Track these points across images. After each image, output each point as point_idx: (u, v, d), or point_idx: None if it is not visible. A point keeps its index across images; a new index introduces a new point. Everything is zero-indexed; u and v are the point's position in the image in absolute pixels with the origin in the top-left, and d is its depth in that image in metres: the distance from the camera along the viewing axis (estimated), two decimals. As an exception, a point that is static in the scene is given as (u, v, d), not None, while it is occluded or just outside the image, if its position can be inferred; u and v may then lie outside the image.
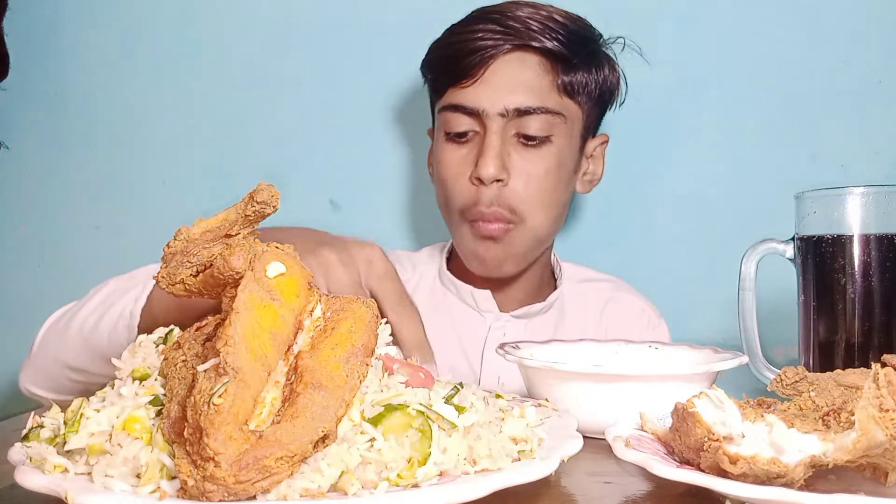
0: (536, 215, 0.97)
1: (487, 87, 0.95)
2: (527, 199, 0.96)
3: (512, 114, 0.94)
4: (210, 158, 1.29)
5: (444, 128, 0.99)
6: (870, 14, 1.22)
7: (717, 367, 0.63)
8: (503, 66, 0.96)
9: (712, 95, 1.24)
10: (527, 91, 0.95)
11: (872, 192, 0.68)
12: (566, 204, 1.03)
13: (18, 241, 1.33)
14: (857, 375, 0.52)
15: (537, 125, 0.95)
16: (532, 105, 0.94)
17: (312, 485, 0.41)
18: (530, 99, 0.95)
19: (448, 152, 0.99)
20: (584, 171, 1.05)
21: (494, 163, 0.93)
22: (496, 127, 0.94)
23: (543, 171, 0.96)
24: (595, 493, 0.51)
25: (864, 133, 1.22)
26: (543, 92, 0.96)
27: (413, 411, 0.45)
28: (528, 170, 0.96)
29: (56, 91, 1.32)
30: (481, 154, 0.94)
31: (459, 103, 0.96)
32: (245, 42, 1.29)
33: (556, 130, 0.97)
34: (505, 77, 0.95)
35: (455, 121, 0.97)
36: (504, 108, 0.94)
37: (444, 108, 0.99)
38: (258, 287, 0.45)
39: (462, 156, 0.98)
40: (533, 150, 0.96)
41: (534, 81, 0.95)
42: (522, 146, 0.96)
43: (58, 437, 0.45)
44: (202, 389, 0.40)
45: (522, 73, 0.95)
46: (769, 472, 0.42)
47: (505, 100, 0.94)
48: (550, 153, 0.97)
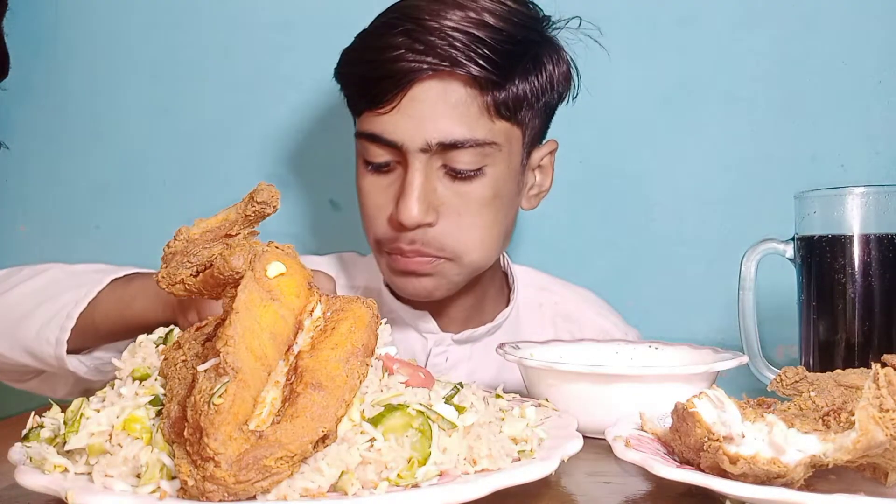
0: (472, 251, 0.85)
1: (406, 117, 0.81)
2: (460, 240, 0.84)
3: (436, 148, 0.80)
4: (210, 158, 1.29)
5: (363, 155, 0.86)
6: (870, 14, 1.22)
7: (717, 367, 0.63)
8: (423, 92, 0.80)
9: (712, 95, 1.24)
10: (452, 122, 0.80)
11: (872, 192, 0.68)
12: (509, 227, 0.91)
13: (18, 241, 1.33)
14: (857, 375, 0.52)
15: (467, 159, 0.81)
16: (459, 138, 0.80)
17: (312, 485, 0.41)
18: (457, 131, 0.80)
19: (367, 182, 0.86)
20: (529, 185, 0.92)
21: (418, 206, 0.80)
22: (419, 164, 0.81)
23: (477, 206, 0.83)
24: (595, 493, 0.51)
25: (864, 133, 1.22)
26: (472, 120, 0.81)
27: (413, 411, 0.45)
28: (460, 207, 0.83)
29: (56, 91, 1.32)
30: (402, 195, 0.81)
31: (376, 133, 0.82)
32: (245, 42, 1.29)
33: (490, 160, 0.83)
34: (426, 105, 0.80)
35: (372, 151, 0.84)
36: (425, 142, 0.80)
37: (361, 135, 0.85)
38: (258, 287, 0.45)
39: (383, 187, 0.85)
40: (464, 183, 0.82)
41: (460, 109, 0.81)
42: (450, 180, 0.83)
43: (58, 437, 0.45)
44: (202, 389, 0.40)
45: (445, 100, 0.80)
46: (769, 472, 0.42)
47: (427, 133, 0.80)
48: (485, 185, 0.83)
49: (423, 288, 0.86)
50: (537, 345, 0.75)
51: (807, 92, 1.23)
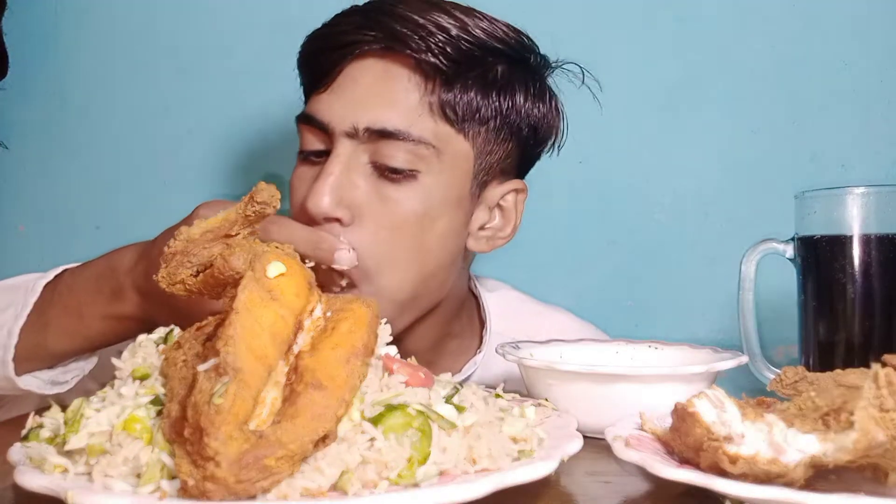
0: (385, 276, 0.73)
1: (338, 97, 0.74)
2: (374, 253, 0.72)
3: (364, 136, 0.72)
4: (210, 158, 1.29)
5: (300, 144, 0.78)
6: (870, 14, 1.22)
7: (717, 367, 0.63)
8: (361, 71, 0.74)
9: (712, 95, 1.24)
10: (386, 107, 0.73)
11: (872, 192, 0.68)
12: (446, 265, 0.78)
13: (18, 241, 1.33)
14: (857, 375, 0.52)
15: (399, 155, 0.72)
16: (391, 127, 0.72)
17: (313, 484, 0.41)
18: (390, 119, 0.72)
19: (297, 174, 0.78)
20: (480, 223, 0.81)
21: (329, 194, 0.71)
22: (342, 149, 0.72)
23: (401, 217, 0.73)
24: (595, 493, 0.51)
25: (864, 133, 1.22)
26: (410, 112, 0.73)
27: (413, 411, 0.45)
28: (379, 212, 0.73)
29: (56, 91, 1.32)
30: (315, 181, 0.72)
31: (309, 113, 0.75)
32: (245, 42, 1.29)
33: (426, 165, 0.73)
34: (360, 87, 0.73)
35: (305, 136, 0.76)
36: (353, 125, 0.72)
37: (298, 119, 0.78)
38: (258, 287, 0.45)
39: (308, 179, 0.76)
40: (391, 185, 0.73)
41: (398, 96, 0.73)
42: (377, 179, 0.73)
43: (58, 437, 0.45)
44: (202, 389, 0.40)
45: (384, 83, 0.73)
46: (769, 472, 0.42)
47: (356, 116, 0.72)
48: (414, 194, 0.73)
49: None
50: (537, 345, 0.75)
51: (807, 92, 1.23)
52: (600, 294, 1.11)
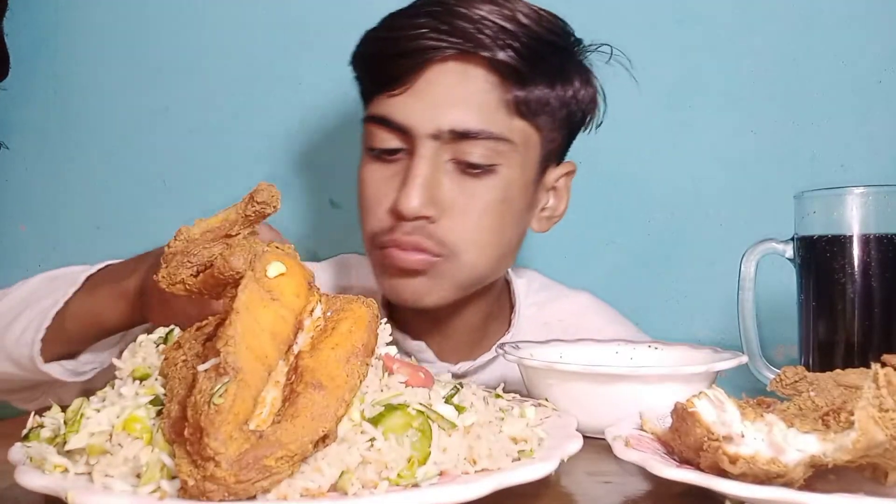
0: (471, 251, 0.80)
1: (419, 100, 0.77)
2: (461, 237, 0.79)
3: (447, 136, 0.77)
4: (210, 158, 1.29)
5: (368, 142, 0.81)
6: (870, 14, 1.22)
7: (717, 367, 0.63)
8: (440, 75, 0.77)
9: (712, 95, 1.24)
10: (468, 109, 0.77)
11: (872, 192, 0.68)
12: (514, 245, 0.85)
13: (18, 241, 1.33)
14: (856, 375, 0.52)
15: (480, 152, 0.77)
16: (473, 127, 0.76)
17: (313, 484, 0.41)
18: (472, 119, 0.76)
19: (369, 171, 0.82)
20: (541, 205, 0.88)
21: (419, 195, 0.76)
22: (426, 151, 0.77)
23: (482, 207, 0.79)
24: (595, 493, 0.51)
25: (864, 133, 1.22)
26: (489, 111, 0.77)
27: (413, 411, 0.45)
28: (463, 205, 0.78)
29: (56, 91, 1.32)
30: (404, 183, 0.77)
31: (385, 115, 0.79)
32: (245, 42, 1.29)
33: (504, 159, 0.79)
34: (441, 89, 0.77)
35: (379, 135, 0.79)
36: (437, 128, 0.76)
37: (369, 119, 0.81)
38: (258, 287, 0.45)
39: (386, 177, 0.80)
40: (472, 180, 0.78)
41: (478, 97, 0.77)
42: (459, 174, 0.78)
43: (58, 437, 0.45)
44: (202, 389, 0.40)
45: (465, 86, 0.77)
46: (769, 472, 0.42)
47: (439, 119, 0.76)
48: (494, 186, 0.79)
49: (415, 291, 0.80)
50: (537, 345, 0.75)
51: (807, 92, 1.23)
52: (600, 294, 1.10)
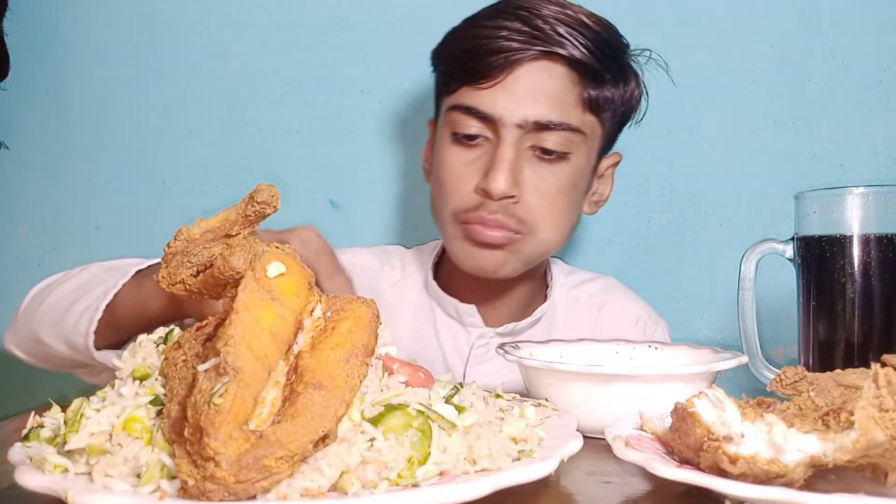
0: (547, 230, 0.91)
1: (507, 93, 0.87)
2: (540, 216, 0.90)
3: (530, 126, 0.87)
4: (210, 158, 1.29)
5: (452, 127, 0.91)
6: (870, 14, 1.22)
7: (717, 367, 0.63)
8: (528, 72, 0.88)
9: (712, 95, 1.24)
10: (550, 103, 0.87)
11: (872, 192, 0.68)
12: (574, 225, 0.97)
13: (18, 241, 1.33)
14: (856, 375, 0.52)
15: (556, 140, 0.88)
16: (554, 119, 0.87)
17: (312, 484, 0.41)
18: (553, 112, 0.87)
19: (453, 154, 0.92)
20: (593, 191, 0.99)
21: (506, 178, 0.86)
22: (511, 138, 0.87)
23: (556, 189, 0.90)
24: (595, 493, 0.51)
25: (863, 133, 1.22)
26: (567, 106, 0.88)
27: (413, 411, 0.45)
28: (541, 187, 0.89)
29: (56, 91, 1.32)
30: (493, 166, 0.87)
31: (473, 106, 0.89)
32: (245, 42, 1.29)
33: (575, 148, 0.90)
34: (528, 85, 0.87)
35: (465, 122, 0.90)
36: (523, 119, 0.87)
37: (455, 108, 0.91)
38: (258, 287, 0.45)
39: (468, 161, 0.91)
40: (547, 165, 0.89)
41: (559, 93, 0.88)
42: (537, 160, 0.89)
43: (58, 437, 0.45)
44: (202, 389, 0.40)
45: (548, 83, 0.88)
46: (769, 472, 0.42)
47: (525, 110, 0.87)
48: (566, 171, 0.90)
49: (494, 262, 0.91)
50: (537, 345, 0.75)
51: (807, 92, 1.23)
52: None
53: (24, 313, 0.86)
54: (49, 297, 0.83)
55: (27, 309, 0.86)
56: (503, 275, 0.93)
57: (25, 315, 0.86)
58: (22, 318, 0.86)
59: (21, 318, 0.86)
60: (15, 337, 0.88)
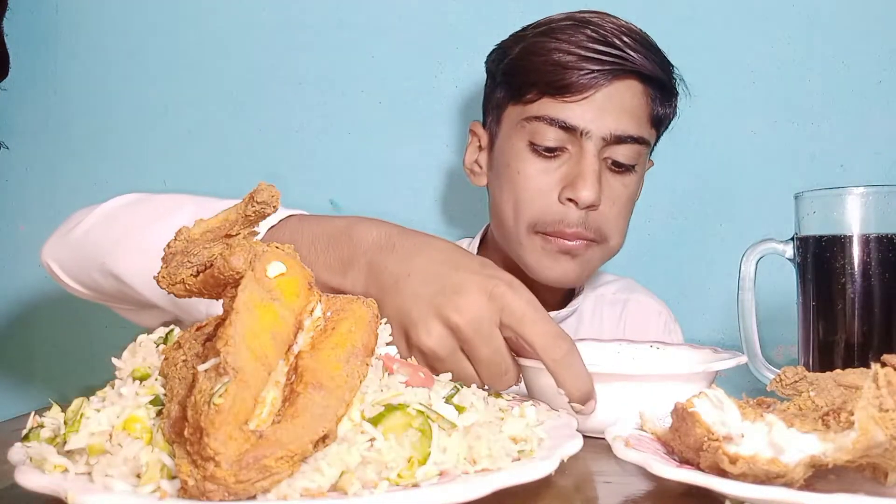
0: (616, 237, 0.97)
1: (595, 107, 0.92)
2: (613, 225, 0.95)
3: (611, 139, 0.92)
4: (210, 158, 1.29)
5: (531, 137, 0.94)
6: (870, 14, 1.22)
7: (716, 367, 0.63)
8: (614, 89, 0.93)
9: (712, 95, 1.24)
10: (630, 119, 0.93)
11: (872, 192, 0.68)
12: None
13: (18, 241, 1.33)
14: (856, 375, 0.52)
15: (628, 153, 0.94)
16: (633, 134, 0.93)
17: (313, 484, 0.41)
18: (632, 127, 0.93)
19: (532, 163, 0.95)
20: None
21: (595, 187, 0.91)
22: (595, 150, 0.92)
23: (626, 199, 0.96)
24: (595, 493, 0.51)
25: (863, 133, 1.23)
26: (641, 121, 0.95)
27: (413, 411, 0.45)
28: (613, 197, 0.95)
29: (56, 91, 1.32)
30: (580, 176, 0.91)
31: (559, 118, 0.92)
32: (245, 42, 1.29)
33: (639, 160, 0.96)
34: (614, 101, 0.93)
35: (547, 133, 0.93)
36: (609, 132, 0.92)
37: (536, 118, 0.94)
38: (258, 287, 0.45)
39: (549, 170, 0.94)
40: (619, 176, 0.95)
41: (637, 110, 0.94)
42: (609, 172, 0.95)
43: (58, 436, 0.45)
44: (202, 389, 0.40)
45: (631, 100, 0.94)
46: (769, 472, 0.42)
47: (610, 125, 0.92)
48: (633, 181, 0.97)
49: (566, 272, 0.95)
50: None
51: (807, 92, 1.23)
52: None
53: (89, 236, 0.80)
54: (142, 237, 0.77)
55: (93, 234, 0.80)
56: (573, 283, 0.99)
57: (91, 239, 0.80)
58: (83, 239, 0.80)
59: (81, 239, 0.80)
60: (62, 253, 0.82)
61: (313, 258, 0.67)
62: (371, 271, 0.63)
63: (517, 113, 0.96)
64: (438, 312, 0.57)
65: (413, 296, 0.58)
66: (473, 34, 1.04)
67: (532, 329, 0.57)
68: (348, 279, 0.64)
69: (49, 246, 0.83)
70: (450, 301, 0.57)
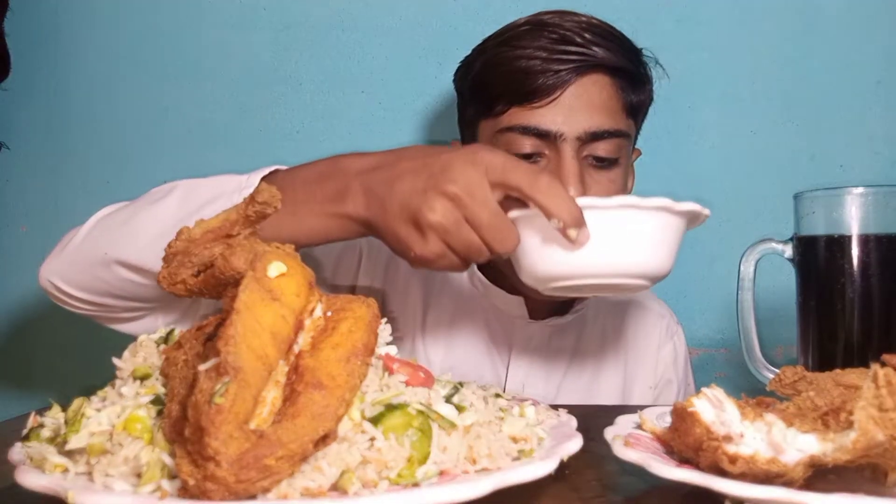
0: None
1: (564, 109, 0.90)
2: None
3: (587, 137, 0.90)
4: (210, 158, 1.29)
5: (507, 149, 0.91)
6: (870, 14, 1.22)
7: (685, 208, 0.67)
8: (580, 87, 0.91)
9: (712, 95, 1.24)
10: (602, 114, 0.91)
11: (872, 192, 0.68)
12: None
13: (18, 241, 1.33)
14: (856, 375, 0.52)
15: (608, 147, 0.91)
16: (608, 128, 0.91)
17: (313, 484, 0.41)
18: (606, 122, 0.91)
19: None
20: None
21: (578, 189, 0.88)
22: (572, 151, 0.90)
23: (616, 192, 0.94)
24: (595, 492, 0.51)
25: (863, 133, 1.23)
26: (616, 113, 0.93)
27: (413, 411, 0.45)
28: (601, 193, 0.92)
29: (56, 91, 1.32)
30: (562, 180, 0.89)
31: (531, 125, 0.90)
32: (245, 42, 1.29)
33: (622, 152, 0.94)
34: (582, 99, 0.91)
35: (521, 142, 0.91)
36: (583, 131, 0.90)
37: (509, 129, 0.92)
38: (259, 287, 0.45)
39: None
40: (604, 172, 0.93)
41: (608, 103, 0.92)
42: (593, 169, 0.92)
43: (58, 436, 0.45)
44: (203, 389, 0.40)
45: (599, 94, 0.92)
46: (768, 472, 0.42)
47: (583, 124, 0.90)
48: (619, 174, 0.95)
49: None
50: None
51: (807, 92, 1.23)
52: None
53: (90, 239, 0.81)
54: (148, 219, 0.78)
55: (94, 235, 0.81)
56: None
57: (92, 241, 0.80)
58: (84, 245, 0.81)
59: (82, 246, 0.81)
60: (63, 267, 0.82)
61: (311, 195, 0.72)
62: (367, 191, 0.69)
63: (490, 127, 0.94)
64: (435, 189, 0.63)
65: (410, 189, 0.64)
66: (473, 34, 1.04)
67: (515, 174, 0.63)
68: (349, 204, 0.70)
69: (46, 266, 0.84)
70: (442, 176, 0.63)
